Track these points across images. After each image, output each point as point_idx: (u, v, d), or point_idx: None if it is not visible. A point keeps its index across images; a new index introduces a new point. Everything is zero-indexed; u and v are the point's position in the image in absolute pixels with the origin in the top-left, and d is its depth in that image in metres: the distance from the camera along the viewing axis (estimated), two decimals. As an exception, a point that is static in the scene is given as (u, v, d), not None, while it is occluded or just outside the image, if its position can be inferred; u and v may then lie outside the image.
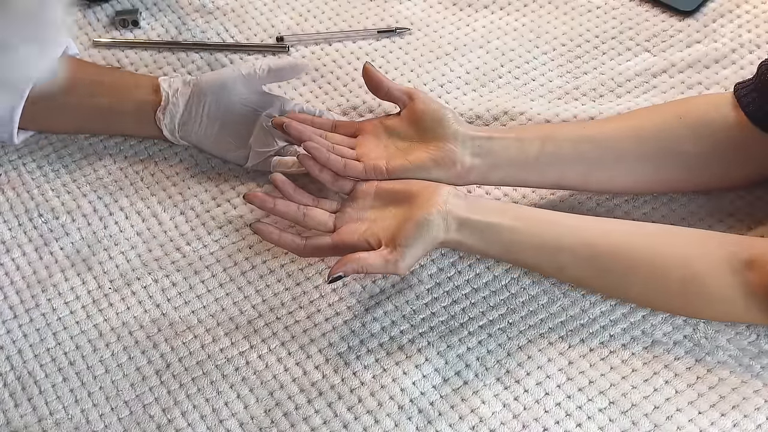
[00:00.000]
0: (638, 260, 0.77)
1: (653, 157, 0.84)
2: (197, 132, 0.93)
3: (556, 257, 0.78)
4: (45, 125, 0.98)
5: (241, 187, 0.93)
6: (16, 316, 0.85)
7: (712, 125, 0.83)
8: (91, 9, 1.12)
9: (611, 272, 0.78)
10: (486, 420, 0.76)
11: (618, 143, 0.84)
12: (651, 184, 0.87)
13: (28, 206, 0.93)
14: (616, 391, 0.77)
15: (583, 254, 0.78)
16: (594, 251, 0.77)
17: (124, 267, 0.88)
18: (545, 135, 0.85)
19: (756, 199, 0.89)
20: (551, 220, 0.80)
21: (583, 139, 0.84)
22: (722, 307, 0.77)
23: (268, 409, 0.78)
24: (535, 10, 1.09)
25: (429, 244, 0.78)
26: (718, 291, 0.75)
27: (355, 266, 0.76)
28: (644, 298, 0.80)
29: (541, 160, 0.83)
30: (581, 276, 0.79)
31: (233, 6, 1.12)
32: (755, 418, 0.75)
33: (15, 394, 0.80)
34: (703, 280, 0.75)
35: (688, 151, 0.83)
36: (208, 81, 0.92)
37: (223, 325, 0.83)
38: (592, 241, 0.78)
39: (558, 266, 0.79)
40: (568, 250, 0.78)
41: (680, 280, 0.76)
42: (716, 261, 0.75)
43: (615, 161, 0.84)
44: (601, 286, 0.81)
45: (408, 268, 0.77)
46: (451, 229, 0.78)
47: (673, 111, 0.86)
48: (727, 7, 1.07)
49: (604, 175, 0.85)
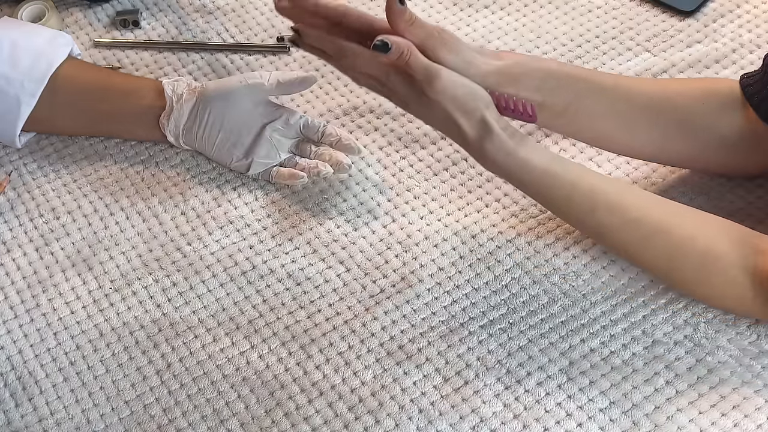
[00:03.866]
0: (666, 223, 0.76)
1: (662, 119, 0.83)
2: (200, 139, 0.93)
3: (590, 196, 0.76)
4: (47, 128, 0.98)
5: (241, 188, 0.93)
6: (16, 316, 0.85)
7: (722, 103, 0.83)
8: (91, 9, 1.12)
9: (641, 227, 0.76)
10: (487, 420, 0.76)
11: (628, 96, 0.82)
12: (654, 149, 0.85)
13: (28, 206, 0.93)
14: (616, 391, 0.77)
15: (616, 201, 0.76)
16: (628, 202, 0.76)
17: (125, 267, 0.88)
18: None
19: (756, 199, 0.89)
20: (586, 168, 0.79)
21: (618, 97, 0.82)
22: (733, 291, 0.76)
23: (268, 409, 0.78)
24: (535, 10, 1.09)
25: (473, 95, 0.73)
26: (732, 273, 0.75)
27: (404, 44, 0.72)
28: (663, 263, 0.78)
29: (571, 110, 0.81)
30: (608, 223, 0.76)
31: (233, 6, 1.12)
32: (756, 418, 0.75)
33: (16, 393, 0.80)
34: (721, 258, 0.75)
35: (700, 125, 0.83)
36: (214, 90, 0.92)
37: (223, 324, 0.83)
38: (625, 196, 0.77)
39: (590, 205, 0.76)
40: (602, 192, 0.76)
41: (701, 254, 0.75)
42: (736, 245, 0.75)
43: (626, 115, 0.82)
44: (626, 238, 0.77)
45: (438, 90, 0.72)
46: (494, 117, 0.74)
47: (702, 86, 0.85)
48: (727, 7, 1.07)
49: (627, 134, 0.83)
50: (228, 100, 0.92)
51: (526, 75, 0.78)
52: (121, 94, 0.94)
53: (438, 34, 0.76)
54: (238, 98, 0.92)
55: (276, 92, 0.93)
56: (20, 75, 0.92)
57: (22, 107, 0.92)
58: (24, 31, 0.96)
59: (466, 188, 0.92)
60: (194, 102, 0.92)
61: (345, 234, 0.89)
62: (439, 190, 0.92)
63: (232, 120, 0.92)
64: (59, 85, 0.93)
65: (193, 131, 0.93)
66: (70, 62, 0.95)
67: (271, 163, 0.92)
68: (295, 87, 0.93)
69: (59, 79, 0.93)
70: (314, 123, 0.93)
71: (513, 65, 0.78)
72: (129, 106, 0.94)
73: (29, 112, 0.93)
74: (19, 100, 0.92)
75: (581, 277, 0.84)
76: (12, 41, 0.93)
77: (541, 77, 0.79)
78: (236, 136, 0.92)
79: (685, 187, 0.90)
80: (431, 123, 0.79)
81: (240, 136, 0.92)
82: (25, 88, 0.92)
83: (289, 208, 0.91)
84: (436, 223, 0.90)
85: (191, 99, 0.92)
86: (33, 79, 0.92)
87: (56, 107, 0.94)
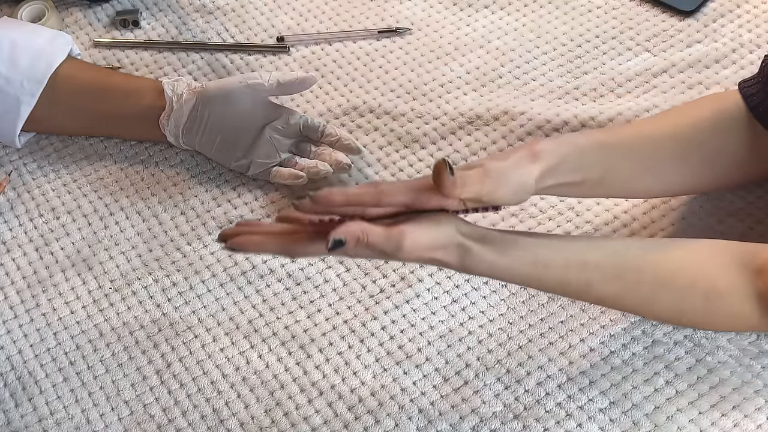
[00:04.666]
0: (665, 276, 0.74)
1: (687, 156, 0.82)
2: (200, 139, 0.93)
3: (583, 272, 0.73)
4: (47, 128, 0.98)
5: (241, 188, 0.93)
6: (16, 316, 0.85)
7: (730, 121, 0.83)
8: (91, 9, 1.12)
9: (640, 287, 0.74)
10: (486, 420, 0.76)
11: (657, 146, 0.81)
12: (681, 185, 0.85)
13: (28, 206, 0.93)
14: (616, 391, 0.77)
15: (610, 269, 0.74)
16: (620, 266, 0.74)
17: (125, 267, 0.88)
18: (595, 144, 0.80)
19: (756, 199, 0.89)
20: (568, 238, 0.78)
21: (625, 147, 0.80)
22: (740, 321, 0.76)
23: (268, 408, 0.78)
24: (535, 10, 1.09)
25: (440, 235, 0.70)
26: (738, 304, 0.74)
27: (357, 230, 0.67)
28: (670, 314, 0.77)
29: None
30: (609, 293, 0.75)
31: (233, 6, 1.12)
32: (756, 418, 0.75)
33: (15, 393, 0.80)
34: (723, 294, 0.74)
35: (713, 148, 0.82)
36: (214, 90, 0.92)
37: (223, 324, 0.83)
38: (617, 257, 0.75)
39: (586, 282, 0.74)
40: (593, 265, 0.74)
41: (704, 295, 0.75)
42: (734, 274, 0.74)
43: (659, 165, 0.81)
44: (629, 303, 0.76)
45: (408, 251, 0.68)
46: (466, 234, 0.70)
47: (696, 109, 0.84)
48: (727, 7, 1.07)
49: (644, 180, 0.82)
50: (228, 100, 0.92)
51: (563, 163, 0.75)
52: (121, 94, 0.94)
53: (486, 177, 0.71)
54: (238, 98, 0.91)
55: (276, 92, 0.93)
56: (20, 75, 0.92)
57: (22, 107, 0.92)
58: (24, 31, 0.96)
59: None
60: (194, 102, 0.92)
61: (345, 234, 0.89)
62: (439, 190, 0.92)
63: (232, 120, 0.92)
64: (59, 85, 0.93)
65: (193, 131, 0.93)
66: (69, 62, 0.95)
67: (271, 163, 0.92)
68: (295, 87, 0.93)
69: (59, 79, 0.93)
70: (314, 123, 0.93)
71: (549, 161, 0.74)
72: (129, 106, 0.94)
73: (29, 112, 0.93)
74: (19, 100, 0.92)
75: (581, 277, 0.84)
76: (12, 41, 0.93)
77: (575, 160, 0.76)
78: (236, 136, 0.92)
79: (685, 187, 0.90)
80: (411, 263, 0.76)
81: (240, 136, 0.92)
82: (24, 88, 0.92)
83: (289, 208, 0.91)
84: (436, 223, 0.90)
85: (191, 99, 0.92)
86: (33, 79, 0.92)
87: (56, 107, 0.94)
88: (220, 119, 0.92)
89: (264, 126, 0.92)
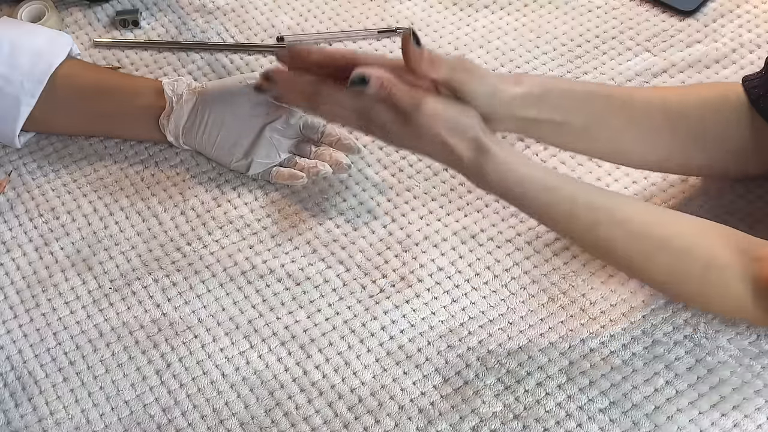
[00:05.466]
0: (669, 235, 0.75)
1: (675, 126, 0.82)
2: (200, 139, 0.93)
3: (591, 211, 0.73)
4: (46, 128, 0.98)
5: (241, 188, 0.93)
6: (16, 316, 0.85)
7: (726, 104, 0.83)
8: (91, 9, 1.12)
9: (644, 240, 0.74)
10: (486, 420, 0.76)
11: (648, 110, 0.82)
12: (674, 161, 0.85)
13: (28, 206, 0.93)
14: (616, 392, 0.77)
15: (618, 217, 0.74)
16: (627, 216, 0.75)
17: (125, 267, 0.88)
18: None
19: (756, 199, 0.89)
20: (578, 181, 0.78)
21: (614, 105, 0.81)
22: (733, 301, 0.76)
23: (268, 408, 0.78)
24: (535, 10, 1.09)
25: (462, 117, 0.69)
26: (733, 280, 0.74)
27: (382, 75, 0.67)
28: (666, 277, 0.76)
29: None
30: (613, 237, 0.74)
31: (233, 6, 1.12)
32: (756, 418, 0.75)
33: (15, 393, 0.80)
34: (721, 267, 0.74)
35: (704, 127, 0.82)
36: (214, 90, 0.92)
37: (223, 324, 0.83)
38: (624, 205, 0.76)
39: (594, 220, 0.73)
40: (603, 209, 0.74)
41: (704, 265, 0.75)
42: (732, 253, 0.74)
43: (646, 129, 0.82)
44: (628, 256, 0.76)
45: (427, 115, 0.68)
46: (487, 133, 0.69)
47: (696, 90, 0.85)
48: (727, 7, 1.07)
49: (630, 143, 0.82)
50: (228, 100, 0.92)
51: (547, 96, 0.76)
52: (121, 94, 0.94)
53: (461, 64, 0.72)
54: (237, 98, 0.91)
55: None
56: (20, 75, 0.92)
57: (22, 107, 0.92)
58: (24, 31, 0.96)
59: (466, 188, 0.92)
60: (194, 102, 0.92)
61: (345, 234, 0.89)
62: (439, 190, 0.92)
63: (231, 120, 0.92)
64: (59, 85, 0.93)
65: (193, 131, 0.93)
66: (69, 62, 0.95)
67: (271, 163, 0.92)
68: None
69: (59, 79, 0.93)
70: (314, 123, 0.93)
71: (533, 88, 0.75)
72: (129, 106, 0.94)
73: (29, 112, 0.93)
74: (19, 100, 0.92)
75: (580, 277, 0.84)
76: (12, 41, 0.93)
77: (560, 96, 0.77)
78: (236, 136, 0.92)
79: (684, 186, 0.90)
80: (420, 150, 0.75)
81: (240, 136, 0.92)
82: (24, 88, 0.92)
83: (289, 208, 0.91)
84: (436, 223, 0.90)
85: (191, 99, 0.92)
86: (32, 79, 0.92)
87: (56, 107, 0.94)
88: (220, 119, 0.92)
89: (264, 126, 0.92)
